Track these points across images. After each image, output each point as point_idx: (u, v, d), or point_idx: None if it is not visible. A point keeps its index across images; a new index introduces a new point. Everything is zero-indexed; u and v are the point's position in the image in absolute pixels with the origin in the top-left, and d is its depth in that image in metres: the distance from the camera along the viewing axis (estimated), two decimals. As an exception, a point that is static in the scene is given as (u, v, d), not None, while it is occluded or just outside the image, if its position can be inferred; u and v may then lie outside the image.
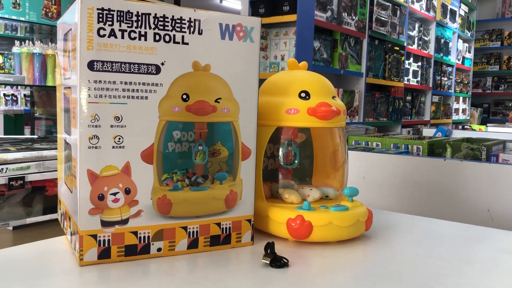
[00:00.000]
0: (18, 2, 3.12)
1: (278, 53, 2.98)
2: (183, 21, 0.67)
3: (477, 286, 0.64)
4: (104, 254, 0.65)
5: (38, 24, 3.36)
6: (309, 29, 2.90)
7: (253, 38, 0.73)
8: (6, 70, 5.19)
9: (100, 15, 0.62)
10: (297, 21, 2.80)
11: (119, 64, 0.63)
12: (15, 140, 2.18)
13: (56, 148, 1.70)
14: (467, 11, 5.89)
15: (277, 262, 0.67)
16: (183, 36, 0.67)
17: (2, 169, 1.74)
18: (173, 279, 0.62)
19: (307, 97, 0.79)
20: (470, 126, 4.74)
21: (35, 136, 2.45)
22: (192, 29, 0.68)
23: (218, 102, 0.70)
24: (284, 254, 0.73)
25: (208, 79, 0.70)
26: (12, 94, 4.39)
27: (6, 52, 5.21)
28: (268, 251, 0.69)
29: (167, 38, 0.66)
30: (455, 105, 5.77)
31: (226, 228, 0.73)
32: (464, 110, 6.15)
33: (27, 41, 2.94)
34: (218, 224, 0.73)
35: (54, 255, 0.69)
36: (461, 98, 6.00)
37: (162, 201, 0.68)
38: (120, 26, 0.63)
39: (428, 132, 3.05)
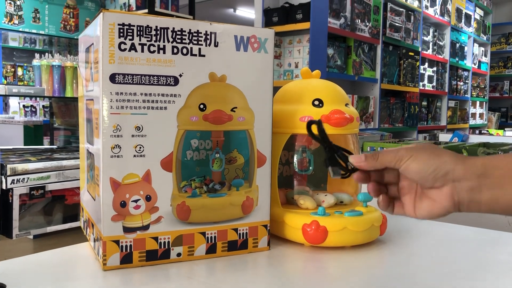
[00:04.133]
0: (38, 16, 3.21)
1: (292, 60, 3.01)
2: (199, 34, 0.70)
3: (491, 289, 0.65)
4: (127, 259, 0.68)
5: (56, 37, 3.44)
6: (323, 37, 2.92)
7: (267, 49, 0.75)
8: (25, 82, 5.30)
9: (121, 30, 0.65)
10: (310, 29, 2.83)
11: (140, 76, 0.66)
12: (35, 150, 2.23)
13: (74, 158, 1.74)
14: (482, 15, 5.85)
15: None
16: (199, 49, 0.70)
17: (24, 179, 1.78)
18: (192, 282, 0.65)
19: (321, 104, 0.81)
20: (487, 131, 4.69)
21: (55, 146, 2.51)
22: (208, 41, 0.70)
23: (234, 111, 0.73)
24: (300, 258, 0.75)
25: (224, 89, 0.72)
26: (31, 106, 4.48)
27: (25, 64, 5.33)
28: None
29: (184, 50, 0.69)
30: (472, 110, 5.72)
31: (243, 233, 0.75)
32: (481, 115, 6.09)
33: (46, 53, 3.02)
34: (235, 230, 0.75)
35: (79, 260, 0.72)
36: (478, 103, 5.95)
37: (181, 207, 0.70)
38: (140, 40, 0.66)
39: (444, 137, 3.04)
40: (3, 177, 1.47)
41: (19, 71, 5.31)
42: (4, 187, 1.45)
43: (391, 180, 0.53)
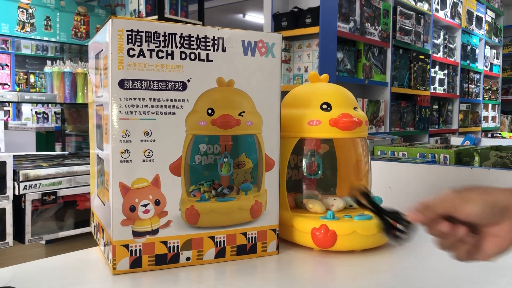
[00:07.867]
0: (49, 23, 3.25)
1: (301, 65, 3.01)
2: (207, 40, 0.70)
3: (503, 293, 0.64)
4: (136, 263, 0.68)
5: (68, 44, 3.48)
6: (332, 41, 2.91)
7: (275, 53, 0.75)
8: (37, 89, 5.37)
9: (130, 36, 0.66)
10: (319, 33, 2.82)
11: (148, 82, 0.67)
12: (47, 156, 2.25)
13: (86, 164, 1.75)
14: (493, 17, 5.80)
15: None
16: (207, 54, 0.70)
17: (36, 184, 1.80)
18: (201, 286, 0.65)
19: (329, 108, 0.81)
20: (500, 134, 4.64)
21: (66, 152, 2.53)
22: (216, 46, 0.71)
23: (242, 116, 0.73)
24: (309, 263, 0.75)
25: (232, 94, 0.72)
26: (43, 112, 4.53)
27: (37, 71, 5.40)
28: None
29: (192, 56, 0.69)
30: (484, 113, 5.66)
31: (252, 237, 0.75)
32: (493, 118, 6.03)
33: (58, 60, 3.05)
34: (244, 234, 0.75)
35: (89, 264, 0.73)
36: (490, 106, 5.89)
37: (190, 211, 0.70)
38: (148, 46, 0.67)
39: (456, 140, 3.01)
40: (15, 183, 1.48)
41: (32, 78, 5.38)
42: (16, 193, 1.46)
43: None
